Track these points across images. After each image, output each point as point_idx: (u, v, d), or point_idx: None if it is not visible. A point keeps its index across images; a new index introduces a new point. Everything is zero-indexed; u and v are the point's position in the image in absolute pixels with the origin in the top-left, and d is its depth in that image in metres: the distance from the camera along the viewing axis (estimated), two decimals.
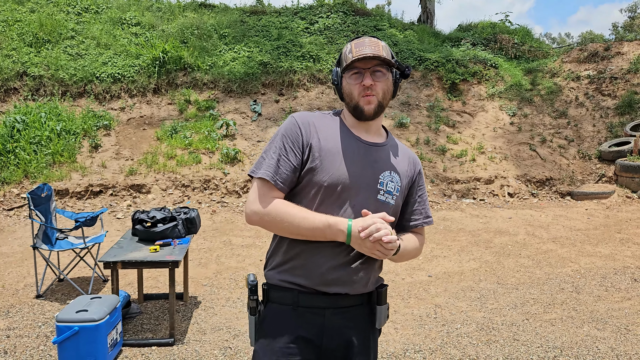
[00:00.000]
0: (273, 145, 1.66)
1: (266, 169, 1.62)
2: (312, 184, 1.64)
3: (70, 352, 3.31)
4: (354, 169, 1.66)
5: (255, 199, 1.62)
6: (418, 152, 10.00)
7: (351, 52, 1.66)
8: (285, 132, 1.66)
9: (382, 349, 3.76)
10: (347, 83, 1.69)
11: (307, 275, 1.64)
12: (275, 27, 13.16)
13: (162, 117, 10.43)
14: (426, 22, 15.95)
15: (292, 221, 1.58)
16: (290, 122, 1.68)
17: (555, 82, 12.33)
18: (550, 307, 4.57)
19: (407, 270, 5.66)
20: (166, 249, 3.96)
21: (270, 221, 1.61)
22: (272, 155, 1.64)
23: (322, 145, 1.65)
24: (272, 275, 1.70)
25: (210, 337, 3.95)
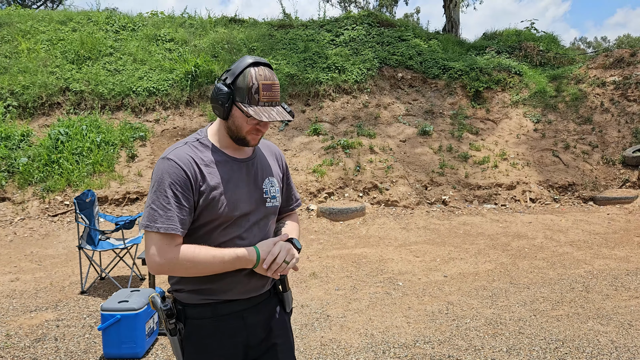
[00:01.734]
0: (162, 195, 1.64)
1: (166, 222, 1.62)
2: (211, 218, 1.70)
3: (113, 337, 3.73)
4: (241, 190, 1.76)
5: (159, 252, 1.63)
6: (440, 159, 10.24)
7: (258, 93, 1.67)
8: (171, 179, 1.64)
9: (393, 340, 4.06)
10: (240, 117, 1.71)
11: (224, 291, 1.75)
12: (302, 39, 13.61)
13: (194, 128, 10.96)
14: (451, 32, 16.17)
15: (203, 263, 1.64)
16: (172, 165, 1.66)
17: (580, 88, 12.37)
18: (559, 305, 4.78)
19: (423, 271, 5.94)
20: None
21: (182, 268, 1.64)
22: (166, 205, 1.63)
23: (209, 180, 1.69)
24: (187, 297, 1.75)
25: None
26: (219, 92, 1.71)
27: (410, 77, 12.67)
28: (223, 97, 1.70)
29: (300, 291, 5.28)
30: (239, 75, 1.70)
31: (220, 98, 1.70)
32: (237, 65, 1.72)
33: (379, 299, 5.04)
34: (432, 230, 7.94)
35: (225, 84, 1.72)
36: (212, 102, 1.74)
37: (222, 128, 1.80)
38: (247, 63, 1.71)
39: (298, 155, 10.21)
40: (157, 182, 1.66)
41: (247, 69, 1.70)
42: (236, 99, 1.70)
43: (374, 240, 7.50)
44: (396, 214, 8.77)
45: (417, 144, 10.75)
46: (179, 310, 1.75)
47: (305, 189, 9.29)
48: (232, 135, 1.77)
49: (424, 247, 7.02)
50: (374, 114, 11.55)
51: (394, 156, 10.28)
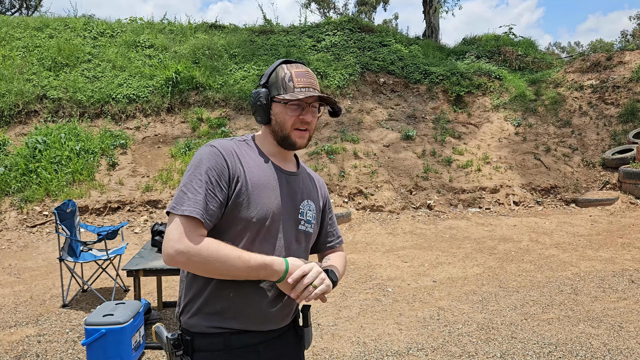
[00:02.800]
0: (196, 178, 1.51)
1: (193, 206, 1.48)
2: (239, 219, 1.55)
3: (98, 352, 3.60)
4: (279, 201, 1.62)
5: (181, 238, 1.45)
6: (424, 163, 10.27)
7: (292, 80, 1.63)
8: (210, 164, 1.53)
9: (386, 347, 4.01)
10: (281, 111, 1.63)
11: (239, 317, 1.57)
12: (284, 45, 13.57)
13: (176, 135, 10.81)
14: (431, 37, 16.29)
15: (225, 261, 1.46)
16: (214, 152, 1.56)
17: (558, 92, 12.56)
18: (549, 308, 4.78)
19: (412, 277, 5.90)
20: None
21: (200, 262, 1.46)
22: (198, 189, 1.50)
23: (248, 178, 1.57)
24: (197, 323, 1.57)
25: None
26: (256, 95, 1.65)
27: (392, 82, 12.71)
28: (260, 97, 1.64)
29: None
30: (271, 74, 1.67)
31: (258, 99, 1.64)
32: (269, 68, 1.69)
33: (369, 305, 4.99)
34: (418, 235, 7.93)
35: (261, 84, 1.68)
36: (253, 108, 1.68)
37: (268, 134, 1.70)
38: (278, 62, 1.68)
39: None
40: (194, 165, 1.54)
41: (279, 66, 1.67)
42: (273, 94, 1.64)
43: (361, 245, 7.46)
44: (382, 219, 8.74)
45: (400, 149, 10.76)
46: (186, 342, 1.56)
47: None
48: (277, 138, 1.66)
49: (412, 252, 6.99)
50: (357, 119, 11.54)
51: (378, 161, 10.27)
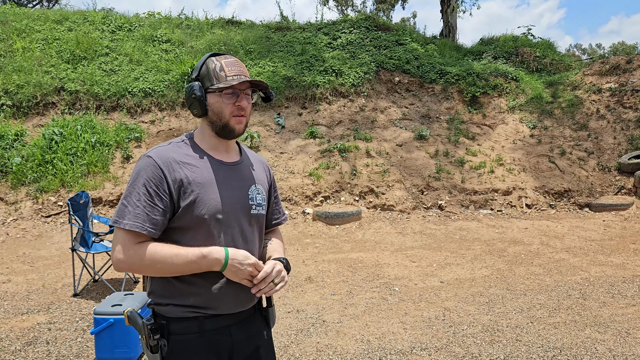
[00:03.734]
0: (134, 191, 1.59)
1: (133, 220, 1.57)
2: (193, 219, 1.64)
3: (106, 341, 3.67)
4: (227, 193, 1.70)
5: (122, 249, 1.57)
6: (437, 164, 10.23)
7: (222, 70, 1.69)
8: (147, 176, 1.60)
9: (390, 346, 4.02)
10: (217, 101, 1.69)
11: (212, 302, 1.67)
12: (299, 42, 13.59)
13: (190, 129, 10.90)
14: (448, 36, 16.19)
15: (165, 261, 1.57)
16: (149, 163, 1.62)
17: (576, 94, 12.41)
18: (556, 312, 4.75)
19: (420, 276, 5.90)
20: None
21: (142, 267, 1.57)
22: (136, 202, 1.58)
23: (192, 180, 1.64)
24: (172, 310, 1.66)
25: None
26: (190, 89, 1.70)
27: (407, 81, 12.66)
28: (194, 89, 1.69)
29: (296, 296, 5.23)
30: (200, 67, 1.73)
31: (193, 92, 1.69)
32: (198, 62, 1.75)
33: (375, 304, 5.00)
34: (428, 235, 7.92)
35: (191, 79, 1.75)
36: (187, 103, 1.73)
37: (206, 127, 1.77)
38: (206, 56, 1.74)
39: (294, 158, 10.17)
40: (133, 178, 1.62)
41: (208, 59, 1.73)
42: (206, 85, 1.71)
43: (370, 244, 7.46)
44: (392, 219, 8.74)
45: (413, 149, 10.73)
46: (161, 325, 1.65)
47: (301, 192, 9.25)
48: (216, 128, 1.74)
49: (420, 252, 6.98)
50: (370, 118, 11.52)
51: (390, 160, 10.25)
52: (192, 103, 1.71)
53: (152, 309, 1.71)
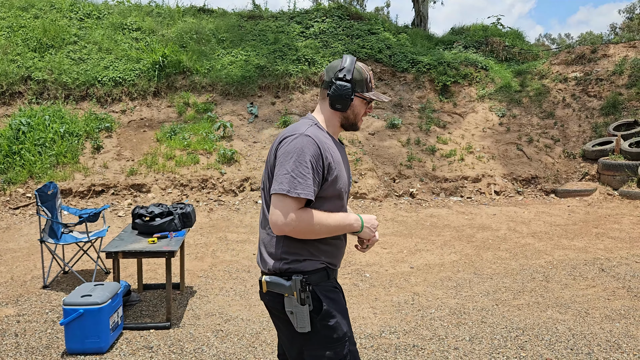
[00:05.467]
0: (302, 165, 1.85)
1: (306, 189, 1.84)
2: (334, 191, 1.98)
3: (76, 332, 3.67)
4: (347, 171, 2.11)
5: (288, 214, 1.84)
6: (408, 152, 10.37)
7: (371, 81, 2.08)
8: (310, 152, 1.88)
9: (360, 330, 4.12)
10: (359, 104, 2.07)
11: (335, 258, 2.07)
12: (272, 31, 13.53)
13: (162, 119, 10.80)
14: (419, 26, 16.32)
15: (322, 223, 1.90)
16: (311, 142, 1.90)
17: (543, 83, 12.69)
18: (520, 294, 4.93)
19: (390, 263, 6.02)
20: (163, 240, 4.32)
21: (304, 228, 1.87)
22: (305, 174, 1.85)
23: (333, 159, 1.96)
24: (309, 264, 1.97)
25: (204, 321, 4.31)
26: (343, 87, 1.99)
27: (380, 71, 12.75)
28: (348, 91, 1.99)
29: None
30: (352, 72, 2.02)
31: (346, 92, 1.99)
32: (347, 64, 2.03)
33: (346, 290, 5.10)
34: (399, 223, 8.05)
35: (346, 79, 2.00)
36: (335, 97, 2.00)
37: (335, 118, 2.09)
38: (354, 60, 2.05)
39: (267, 147, 10.18)
40: (296, 153, 1.87)
41: (356, 64, 2.05)
42: (356, 90, 2.03)
43: None
44: (365, 206, 8.85)
45: (385, 137, 10.85)
46: (301, 282, 1.93)
47: None
48: (346, 123, 2.11)
49: (392, 239, 7.11)
50: None
51: (363, 149, 10.35)
52: (342, 101, 2.01)
53: (287, 270, 1.96)
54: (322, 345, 1.97)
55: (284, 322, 2.01)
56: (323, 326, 1.96)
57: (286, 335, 2.05)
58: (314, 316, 1.94)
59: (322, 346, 1.97)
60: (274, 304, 2.00)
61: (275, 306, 1.99)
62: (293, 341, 2.02)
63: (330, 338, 1.97)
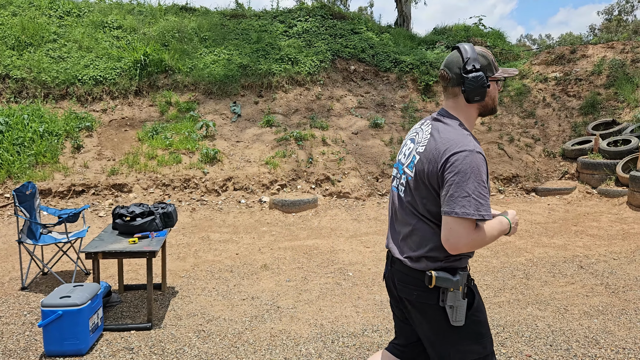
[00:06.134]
0: (481, 186, 1.86)
1: (487, 210, 1.87)
2: None
3: (55, 334, 3.62)
4: None
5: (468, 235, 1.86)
6: (391, 151, 10.41)
7: (495, 61, 2.05)
8: (484, 170, 1.90)
9: (342, 329, 4.13)
10: (493, 88, 2.03)
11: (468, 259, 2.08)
12: (255, 30, 13.49)
13: (144, 118, 10.70)
14: (402, 25, 16.40)
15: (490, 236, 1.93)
16: (483, 160, 1.91)
17: (524, 83, 12.84)
18: (501, 292, 4.98)
19: (373, 261, 6.04)
20: (144, 241, 4.28)
21: (476, 246, 1.91)
22: (485, 195, 1.87)
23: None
24: (465, 262, 2.04)
25: (185, 322, 4.28)
26: (479, 78, 1.94)
27: (363, 70, 12.78)
28: (483, 79, 1.94)
29: (251, 283, 5.28)
30: (477, 58, 1.97)
31: (482, 82, 1.94)
32: (470, 53, 1.97)
33: (329, 289, 5.10)
34: (382, 222, 8.08)
35: (476, 69, 1.95)
36: (473, 90, 1.95)
37: (473, 112, 2.06)
38: (473, 46, 2.01)
39: (251, 147, 10.15)
40: (474, 173, 1.85)
41: (475, 50, 1.99)
42: (488, 75, 1.99)
43: (326, 231, 7.57)
44: (348, 206, 8.87)
45: (368, 136, 10.88)
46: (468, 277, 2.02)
47: (257, 181, 9.25)
48: (485, 111, 2.07)
49: (374, 238, 7.14)
50: (326, 106, 11.60)
51: (346, 148, 10.37)
52: (480, 91, 1.96)
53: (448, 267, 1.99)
54: (472, 339, 2.00)
55: (430, 317, 2.01)
56: (472, 321, 2.01)
57: (431, 331, 2.04)
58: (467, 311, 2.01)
59: (472, 341, 2.00)
60: (425, 299, 2.00)
61: (427, 301, 1.99)
62: (440, 337, 2.02)
63: (479, 333, 2.02)
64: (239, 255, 6.32)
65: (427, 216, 1.99)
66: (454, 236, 1.86)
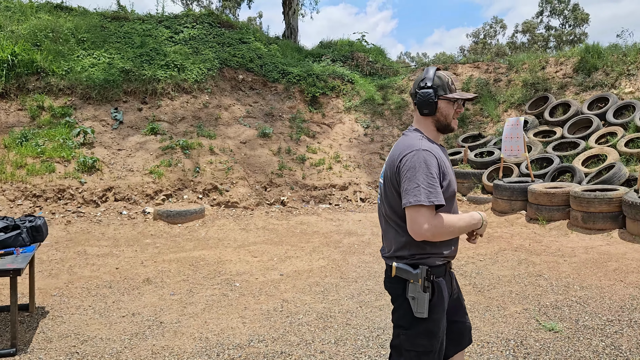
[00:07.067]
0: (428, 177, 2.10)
1: (435, 196, 2.08)
2: (447, 194, 2.21)
3: None
4: (453, 173, 2.32)
5: (427, 221, 2.07)
6: (279, 161, 10.53)
7: (453, 84, 2.26)
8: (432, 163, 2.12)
9: (228, 341, 4.09)
10: (446, 106, 2.24)
11: (453, 251, 2.30)
12: (138, 34, 12.95)
13: (11, 123, 9.80)
14: (290, 38, 16.70)
15: (454, 225, 2.15)
16: (429, 155, 2.14)
17: (403, 97, 13.67)
18: (382, 295, 5.24)
19: (261, 271, 6.06)
20: (8, 257, 3.93)
21: (440, 232, 2.10)
22: (433, 184, 2.09)
23: (445, 165, 2.22)
24: (433, 260, 2.22)
25: (56, 344, 3.98)
26: (426, 94, 2.22)
27: (251, 80, 12.81)
28: (431, 95, 2.21)
29: (132, 299, 5.04)
30: (433, 78, 2.24)
31: (429, 97, 2.21)
32: (429, 74, 2.25)
33: (215, 301, 5.03)
34: (270, 231, 8.14)
35: (427, 86, 2.23)
36: (421, 104, 2.23)
37: (429, 124, 2.29)
38: (435, 69, 2.27)
39: (133, 155, 9.71)
40: (422, 167, 2.10)
41: (437, 72, 2.26)
42: (439, 93, 2.22)
43: (213, 242, 7.45)
44: (236, 215, 8.81)
45: (257, 146, 10.91)
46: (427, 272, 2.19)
47: (141, 191, 8.87)
48: (440, 126, 2.27)
49: (262, 247, 7.16)
50: (214, 115, 11.45)
51: (234, 157, 10.31)
52: (428, 105, 2.22)
53: (413, 264, 2.20)
54: (425, 335, 2.20)
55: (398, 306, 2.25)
56: (432, 318, 2.19)
57: (399, 319, 2.26)
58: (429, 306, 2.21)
59: (425, 335, 2.20)
60: (394, 290, 2.26)
61: (396, 292, 2.25)
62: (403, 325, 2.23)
63: (432, 331, 2.21)
64: (120, 270, 6.01)
65: (393, 218, 2.26)
66: (414, 224, 2.10)
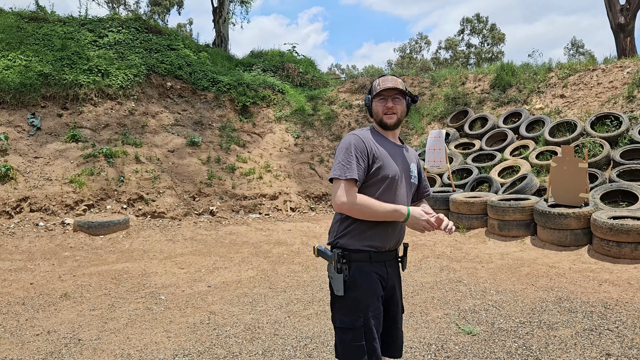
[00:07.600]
0: (347, 155, 2.36)
1: (352, 172, 2.32)
2: (380, 177, 2.41)
3: None
4: (399, 163, 2.51)
5: (344, 194, 2.31)
6: (209, 170, 10.38)
7: (379, 84, 2.50)
8: (355, 145, 2.38)
9: (152, 357, 3.98)
10: (375, 105, 2.52)
11: (380, 241, 2.44)
12: (59, 36, 12.36)
13: None
14: (220, 46, 16.55)
15: (370, 206, 2.32)
16: (354, 138, 2.42)
17: (332, 109, 13.91)
18: (310, 305, 5.29)
19: (187, 283, 5.95)
20: None
21: (358, 210, 2.32)
22: (352, 162, 2.35)
23: (380, 151, 2.43)
24: (352, 243, 2.42)
25: None
26: (365, 99, 2.58)
27: (180, 87, 12.57)
28: (366, 102, 2.57)
29: (48, 316, 4.79)
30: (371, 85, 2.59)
31: (366, 101, 2.57)
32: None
33: (139, 315, 4.88)
34: (198, 241, 7.99)
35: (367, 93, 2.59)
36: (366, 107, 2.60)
37: (374, 123, 2.58)
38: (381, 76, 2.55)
39: (52, 163, 9.23)
40: (345, 147, 2.39)
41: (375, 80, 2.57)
42: (371, 96, 2.54)
43: (138, 253, 7.22)
44: (163, 226, 8.58)
45: (185, 155, 10.70)
46: (345, 254, 2.40)
47: (60, 201, 8.44)
48: (378, 123, 2.53)
49: (190, 259, 7.02)
50: (141, 122, 11.12)
51: (162, 166, 10.05)
52: (367, 108, 2.58)
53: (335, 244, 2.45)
54: (344, 312, 2.41)
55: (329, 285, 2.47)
56: (348, 297, 2.40)
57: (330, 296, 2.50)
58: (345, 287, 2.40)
59: (344, 313, 2.41)
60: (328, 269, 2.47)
61: (328, 272, 2.47)
62: (331, 301, 2.49)
63: (350, 308, 2.40)
64: (34, 285, 5.69)
65: None
66: (334, 196, 2.35)
